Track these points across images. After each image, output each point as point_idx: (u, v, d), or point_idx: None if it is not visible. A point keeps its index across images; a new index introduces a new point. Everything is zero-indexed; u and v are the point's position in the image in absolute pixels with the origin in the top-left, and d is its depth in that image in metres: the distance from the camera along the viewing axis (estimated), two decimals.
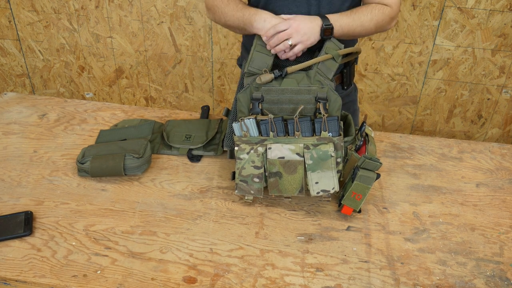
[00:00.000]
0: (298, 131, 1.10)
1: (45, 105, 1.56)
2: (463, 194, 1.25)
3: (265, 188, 1.17)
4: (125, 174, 1.24)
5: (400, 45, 2.34)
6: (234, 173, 1.24)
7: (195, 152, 1.34)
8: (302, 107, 1.11)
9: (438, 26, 2.26)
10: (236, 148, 1.13)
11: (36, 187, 1.22)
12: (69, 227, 1.11)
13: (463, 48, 2.30)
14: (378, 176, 1.10)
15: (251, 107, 1.15)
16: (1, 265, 1.01)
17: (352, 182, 1.10)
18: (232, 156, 1.31)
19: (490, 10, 2.18)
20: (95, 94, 2.81)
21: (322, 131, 1.10)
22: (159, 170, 1.29)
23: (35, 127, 1.46)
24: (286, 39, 1.16)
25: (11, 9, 2.56)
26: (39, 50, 2.68)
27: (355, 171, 1.11)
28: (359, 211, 1.13)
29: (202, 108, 1.52)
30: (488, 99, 2.43)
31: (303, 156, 1.09)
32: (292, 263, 1.03)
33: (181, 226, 1.12)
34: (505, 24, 2.20)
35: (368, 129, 1.20)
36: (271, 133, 1.11)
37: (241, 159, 1.12)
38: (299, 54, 1.20)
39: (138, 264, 1.02)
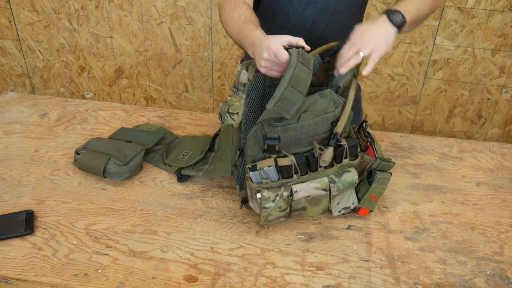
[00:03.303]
0: (321, 167, 1.02)
1: (46, 105, 1.57)
2: (464, 193, 1.25)
3: None
4: (104, 177, 1.23)
5: (400, 45, 2.34)
6: (244, 199, 1.15)
7: (183, 172, 1.25)
8: (318, 147, 0.99)
9: (438, 26, 2.26)
10: (258, 195, 1.01)
11: (37, 186, 1.23)
12: (70, 226, 1.11)
13: (463, 48, 2.30)
14: (390, 174, 1.10)
15: (265, 147, 1.01)
16: (3, 264, 1.01)
17: (370, 185, 1.09)
18: (241, 189, 1.19)
19: (490, 10, 2.18)
20: (95, 94, 2.81)
21: (344, 159, 1.03)
22: (159, 169, 1.29)
23: (36, 126, 1.46)
24: (357, 52, 1.04)
25: (11, 9, 2.56)
26: (39, 50, 2.69)
27: (373, 174, 1.08)
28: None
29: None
30: (488, 99, 2.43)
31: (329, 190, 1.04)
32: (293, 262, 1.04)
33: (182, 225, 1.12)
34: (505, 24, 2.20)
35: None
36: (294, 175, 1.01)
37: (266, 207, 1.02)
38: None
39: (139, 263, 1.02)
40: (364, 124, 1.15)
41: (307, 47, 1.01)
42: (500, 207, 1.21)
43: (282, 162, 0.99)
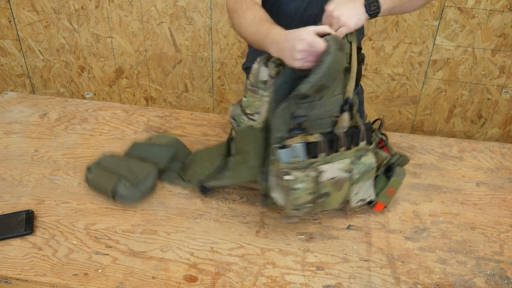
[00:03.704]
0: (343, 147, 1.04)
1: (46, 105, 1.57)
2: (464, 193, 1.25)
3: None
4: (114, 200, 1.16)
5: (400, 45, 2.34)
6: (265, 195, 1.13)
7: (206, 184, 1.19)
8: (344, 121, 1.03)
9: (438, 26, 2.26)
10: (288, 177, 1.00)
11: (37, 186, 1.23)
12: (70, 226, 1.11)
13: (463, 48, 2.30)
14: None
15: (292, 126, 1.02)
16: (3, 264, 1.01)
17: (389, 179, 1.11)
18: (266, 197, 1.14)
19: (490, 10, 2.18)
20: (95, 94, 2.81)
21: (361, 142, 1.06)
22: None
23: (36, 126, 1.46)
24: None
25: (11, 9, 2.56)
26: (39, 50, 2.69)
27: (392, 168, 1.12)
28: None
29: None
30: (488, 99, 2.43)
31: (351, 172, 1.06)
32: (293, 261, 1.04)
33: (182, 225, 1.12)
34: (505, 24, 2.20)
35: None
36: (322, 154, 1.02)
37: (295, 189, 1.01)
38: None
39: (139, 262, 1.02)
40: (379, 122, 1.16)
41: (333, 33, 1.01)
42: (500, 207, 1.21)
43: (310, 139, 1.01)
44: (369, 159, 1.08)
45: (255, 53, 1.41)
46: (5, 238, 1.06)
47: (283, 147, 1.01)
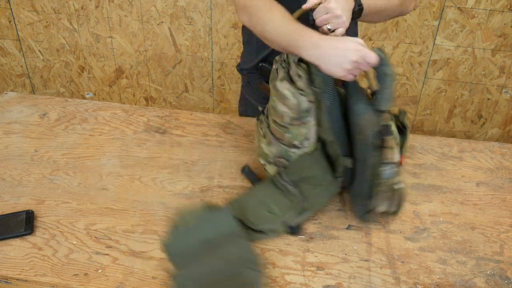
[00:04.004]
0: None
1: (46, 105, 1.57)
2: (463, 193, 1.25)
3: None
4: None
5: (400, 45, 2.34)
6: (365, 212, 1.13)
7: (292, 224, 1.10)
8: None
9: (438, 26, 2.26)
10: (397, 186, 1.07)
11: (37, 186, 1.23)
12: (70, 226, 1.11)
13: (463, 48, 2.30)
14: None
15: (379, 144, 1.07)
16: (2, 264, 1.01)
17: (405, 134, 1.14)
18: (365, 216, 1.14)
19: (490, 10, 2.18)
20: (95, 94, 2.81)
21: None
22: (159, 169, 1.29)
23: (36, 126, 1.46)
24: (325, 24, 1.03)
25: (11, 9, 2.56)
26: (39, 50, 2.69)
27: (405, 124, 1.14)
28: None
29: (243, 171, 1.22)
30: (488, 99, 2.43)
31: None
32: (293, 262, 1.04)
33: None
34: (505, 24, 2.21)
35: None
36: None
37: (402, 188, 1.08)
38: None
39: (139, 263, 1.02)
40: (400, 113, 1.14)
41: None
42: (500, 207, 1.21)
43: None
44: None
45: (251, 54, 1.41)
46: (5, 238, 1.06)
47: (386, 164, 1.04)
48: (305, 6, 1.04)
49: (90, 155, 1.34)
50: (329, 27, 1.03)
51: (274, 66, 1.13)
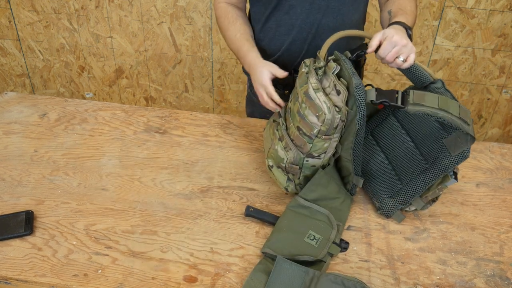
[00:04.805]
0: None
1: (46, 105, 1.57)
2: (463, 194, 1.25)
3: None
4: None
5: None
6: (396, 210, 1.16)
7: (336, 241, 1.07)
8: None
9: (438, 26, 2.26)
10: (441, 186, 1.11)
11: (36, 187, 1.22)
12: (69, 226, 1.11)
13: (463, 48, 2.30)
14: None
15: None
16: (2, 264, 1.01)
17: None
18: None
19: (490, 10, 2.18)
20: (95, 94, 2.81)
21: None
22: (159, 170, 1.29)
23: (36, 126, 1.46)
24: (396, 58, 1.07)
25: (11, 9, 2.56)
26: (39, 50, 2.69)
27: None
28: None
29: (248, 213, 1.14)
30: (488, 99, 2.43)
31: None
32: None
33: (182, 225, 1.12)
34: (505, 24, 2.20)
35: None
36: None
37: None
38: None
39: (139, 263, 1.02)
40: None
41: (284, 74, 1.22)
42: (500, 208, 1.21)
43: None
44: None
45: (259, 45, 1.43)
46: (4, 238, 1.06)
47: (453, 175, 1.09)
48: (369, 51, 1.09)
49: (90, 156, 1.34)
50: (401, 58, 1.07)
51: (303, 70, 1.13)
